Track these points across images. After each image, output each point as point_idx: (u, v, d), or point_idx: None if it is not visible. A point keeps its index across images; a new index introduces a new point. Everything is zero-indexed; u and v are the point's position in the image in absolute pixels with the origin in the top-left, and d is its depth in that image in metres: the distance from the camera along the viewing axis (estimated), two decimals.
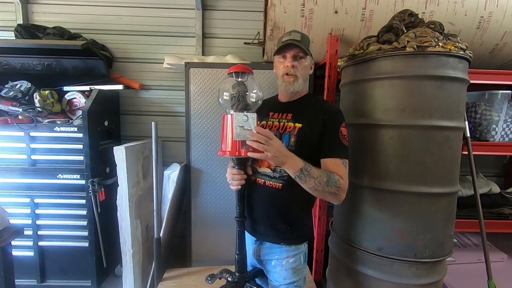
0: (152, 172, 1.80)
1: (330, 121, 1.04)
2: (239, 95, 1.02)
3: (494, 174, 2.51)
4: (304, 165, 0.95)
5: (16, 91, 1.92)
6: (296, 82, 1.08)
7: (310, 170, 0.95)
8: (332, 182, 0.96)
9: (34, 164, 1.94)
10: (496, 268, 1.58)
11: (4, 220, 1.31)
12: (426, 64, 1.16)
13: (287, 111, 1.12)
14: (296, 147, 1.05)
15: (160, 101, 2.48)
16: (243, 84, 1.04)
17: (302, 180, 0.95)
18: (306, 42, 1.10)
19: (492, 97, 1.69)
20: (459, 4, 1.57)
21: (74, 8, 2.35)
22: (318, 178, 0.95)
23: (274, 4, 1.61)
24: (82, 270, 2.04)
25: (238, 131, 0.93)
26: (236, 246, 1.10)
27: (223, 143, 0.99)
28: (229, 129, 0.96)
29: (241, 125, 0.93)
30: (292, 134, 1.06)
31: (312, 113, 1.08)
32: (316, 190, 0.96)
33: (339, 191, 0.98)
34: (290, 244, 1.10)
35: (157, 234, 1.80)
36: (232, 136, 0.95)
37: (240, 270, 1.10)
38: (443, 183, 1.22)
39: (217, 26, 2.41)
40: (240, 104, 1.01)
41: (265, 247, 1.14)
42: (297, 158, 0.96)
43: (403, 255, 1.21)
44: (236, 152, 0.96)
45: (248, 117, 0.94)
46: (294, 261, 1.10)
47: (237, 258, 1.10)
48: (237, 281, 1.10)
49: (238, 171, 1.04)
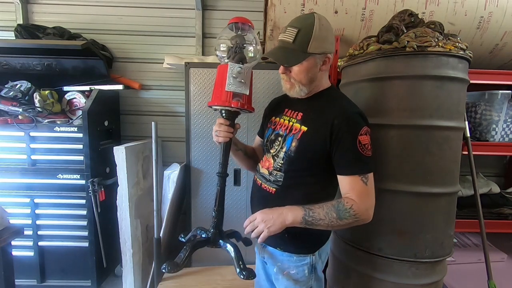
0: (152, 172, 1.80)
1: (343, 127, 0.87)
2: (236, 46, 0.98)
3: (494, 174, 2.51)
4: (305, 211, 0.86)
5: (16, 91, 1.92)
6: (294, 89, 0.96)
7: (313, 214, 0.86)
8: (344, 214, 0.86)
9: (34, 164, 1.94)
10: (496, 268, 1.58)
11: (4, 220, 1.31)
12: (426, 64, 1.16)
13: (299, 109, 1.00)
14: (295, 154, 0.94)
15: (160, 101, 2.48)
16: (241, 36, 1.00)
17: (311, 226, 0.87)
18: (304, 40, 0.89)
19: (492, 97, 1.69)
20: (459, 4, 1.57)
21: (74, 8, 2.35)
22: (326, 217, 0.86)
23: (274, 4, 1.61)
24: (82, 270, 2.04)
25: (231, 81, 0.90)
26: (215, 203, 1.04)
27: (214, 93, 0.96)
28: (222, 79, 0.93)
29: (234, 76, 0.90)
30: (295, 138, 0.95)
31: (322, 116, 0.92)
32: (333, 227, 0.87)
33: (358, 217, 0.86)
34: (286, 251, 1.02)
35: (157, 234, 1.79)
36: (224, 86, 0.92)
37: (215, 226, 1.04)
38: (443, 183, 1.21)
39: (217, 26, 2.41)
40: (236, 55, 0.97)
41: (267, 250, 1.09)
42: (294, 208, 0.87)
43: (403, 255, 1.21)
44: (227, 102, 0.92)
45: (243, 68, 0.91)
46: (296, 272, 1.01)
47: (213, 215, 1.04)
48: (211, 237, 1.04)
49: (225, 120, 0.98)
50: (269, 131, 1.08)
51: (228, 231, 1.12)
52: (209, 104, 0.96)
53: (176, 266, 0.93)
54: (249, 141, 1.93)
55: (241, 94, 0.95)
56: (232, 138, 1.03)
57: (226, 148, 1.02)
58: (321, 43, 0.91)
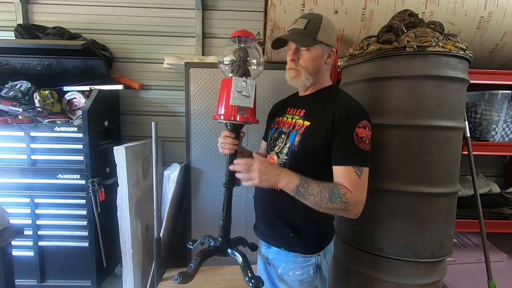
0: (152, 172, 1.80)
1: (342, 119, 0.89)
2: (240, 60, 1.00)
3: (494, 174, 2.51)
4: (300, 181, 0.88)
5: (16, 91, 1.92)
6: (299, 78, 0.98)
7: (308, 186, 0.87)
8: (335, 198, 0.86)
9: (34, 164, 1.94)
10: (496, 268, 1.58)
11: (4, 220, 1.31)
12: (426, 64, 1.16)
13: (302, 107, 1.03)
14: (299, 148, 0.96)
15: (160, 101, 2.48)
16: (244, 49, 1.02)
17: (300, 197, 0.88)
18: (314, 28, 0.95)
19: (492, 97, 1.69)
20: (459, 4, 1.57)
21: (74, 8, 2.35)
22: (319, 194, 0.86)
23: (274, 4, 1.61)
24: (82, 270, 2.04)
25: (235, 96, 0.92)
26: (222, 212, 1.06)
27: (219, 106, 0.97)
28: (227, 93, 0.94)
29: (239, 90, 0.92)
30: (299, 133, 0.97)
31: (324, 109, 0.95)
32: (320, 207, 0.88)
33: (348, 207, 0.86)
34: (292, 251, 1.01)
35: (157, 234, 1.79)
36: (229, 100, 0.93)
37: (224, 236, 1.06)
38: (443, 183, 1.21)
39: (217, 26, 2.41)
40: (240, 69, 0.99)
41: (272, 252, 1.07)
42: (292, 175, 0.89)
43: (403, 255, 1.21)
44: (232, 116, 0.94)
45: (247, 83, 0.92)
46: (301, 273, 1.01)
47: (221, 224, 1.06)
48: (220, 246, 1.06)
49: (230, 133, 1.00)
50: (273, 131, 1.10)
51: (235, 238, 1.14)
52: (214, 117, 0.98)
53: (188, 277, 0.97)
54: (248, 143, 1.93)
55: (246, 107, 0.97)
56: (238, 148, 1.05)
57: (231, 159, 1.04)
58: (328, 35, 0.97)
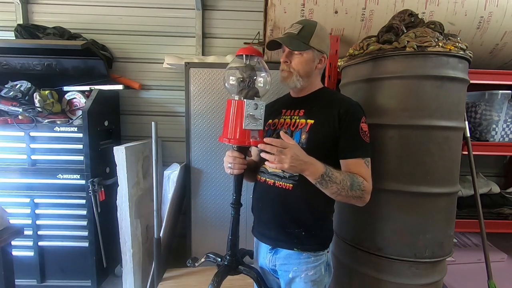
0: (152, 172, 1.80)
1: (348, 115, 0.95)
2: (248, 80, 0.98)
3: (494, 174, 2.51)
4: (325, 170, 0.89)
5: (16, 91, 1.92)
6: (291, 79, 1.01)
7: (332, 175, 0.89)
8: (356, 186, 0.90)
9: (34, 164, 1.94)
10: (496, 268, 1.58)
11: (4, 220, 1.31)
12: (426, 64, 1.16)
13: (300, 107, 1.05)
14: (307, 145, 0.97)
15: (160, 101, 2.48)
16: (252, 68, 1.00)
17: (323, 185, 0.89)
18: (307, 34, 0.99)
19: (492, 97, 1.69)
20: (459, 4, 1.57)
21: (74, 8, 2.35)
22: (341, 183, 0.89)
23: (274, 4, 1.61)
24: (82, 270, 2.04)
25: (248, 121, 0.90)
26: (230, 231, 1.06)
27: (228, 129, 0.95)
28: (237, 116, 0.93)
29: (251, 113, 0.90)
30: (304, 131, 0.99)
31: (325, 108, 1.00)
32: (339, 195, 0.90)
33: (363, 194, 0.92)
34: (305, 250, 1.01)
35: (157, 234, 1.80)
36: (240, 124, 0.92)
37: (233, 254, 1.07)
38: (443, 183, 1.21)
39: (217, 26, 2.41)
40: (250, 91, 0.97)
41: (281, 257, 1.05)
42: (318, 163, 0.89)
43: (403, 255, 1.21)
44: (246, 141, 0.93)
45: (258, 105, 0.91)
46: (314, 273, 1.01)
47: (229, 243, 1.06)
48: (230, 264, 1.07)
49: (239, 154, 0.98)
50: (269, 133, 1.09)
51: (240, 251, 1.13)
52: (224, 141, 0.96)
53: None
54: None
55: (257, 130, 0.96)
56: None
57: (239, 179, 1.04)
58: (320, 41, 1.02)
